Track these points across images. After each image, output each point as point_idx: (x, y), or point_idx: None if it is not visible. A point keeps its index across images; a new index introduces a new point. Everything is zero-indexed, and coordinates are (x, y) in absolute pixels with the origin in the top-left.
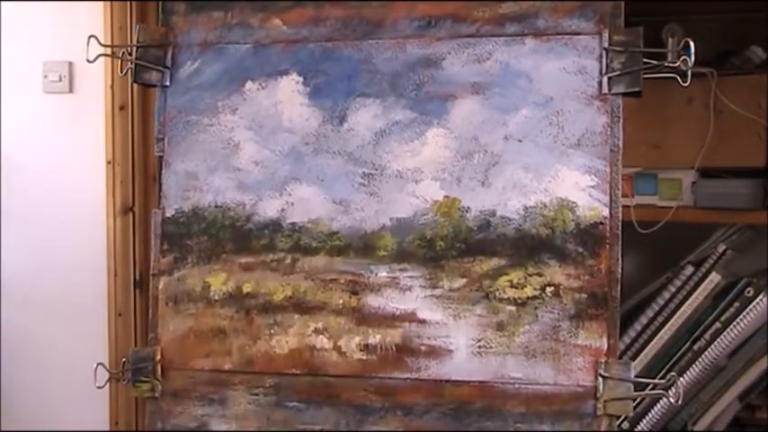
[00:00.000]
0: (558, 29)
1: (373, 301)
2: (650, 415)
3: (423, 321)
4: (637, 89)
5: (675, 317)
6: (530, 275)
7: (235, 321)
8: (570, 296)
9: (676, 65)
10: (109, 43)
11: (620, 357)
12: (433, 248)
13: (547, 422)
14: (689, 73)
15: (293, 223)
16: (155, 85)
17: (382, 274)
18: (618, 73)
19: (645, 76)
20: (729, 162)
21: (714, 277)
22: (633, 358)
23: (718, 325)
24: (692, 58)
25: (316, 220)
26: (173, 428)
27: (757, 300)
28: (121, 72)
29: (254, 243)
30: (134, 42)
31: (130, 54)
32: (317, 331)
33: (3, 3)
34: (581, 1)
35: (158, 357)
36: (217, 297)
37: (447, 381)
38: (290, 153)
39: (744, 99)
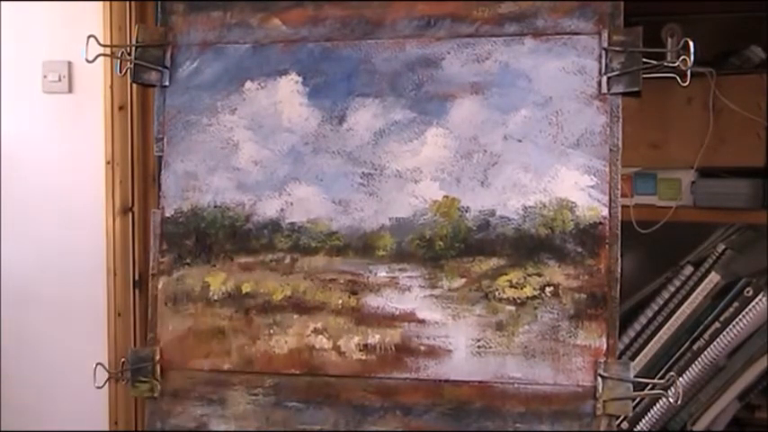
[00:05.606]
0: (558, 29)
1: (372, 301)
2: (649, 415)
3: (422, 321)
4: (636, 89)
5: (675, 317)
6: (529, 275)
7: (234, 321)
8: (569, 296)
9: (676, 65)
10: (108, 43)
11: (620, 357)
12: (432, 248)
13: (546, 422)
14: (688, 73)
15: (292, 223)
16: (154, 85)
17: (381, 273)
18: (617, 73)
19: (644, 75)
20: (729, 162)
21: (713, 277)
22: (632, 358)
23: (717, 325)
24: (692, 58)
25: (315, 220)
26: (172, 428)
27: (757, 299)
28: (120, 72)
29: (254, 243)
30: (133, 42)
31: (129, 54)
32: (316, 331)
33: (2, 3)
34: (580, 1)
35: (157, 357)
36: (216, 297)
37: (446, 381)
38: (289, 153)
39: (743, 99)
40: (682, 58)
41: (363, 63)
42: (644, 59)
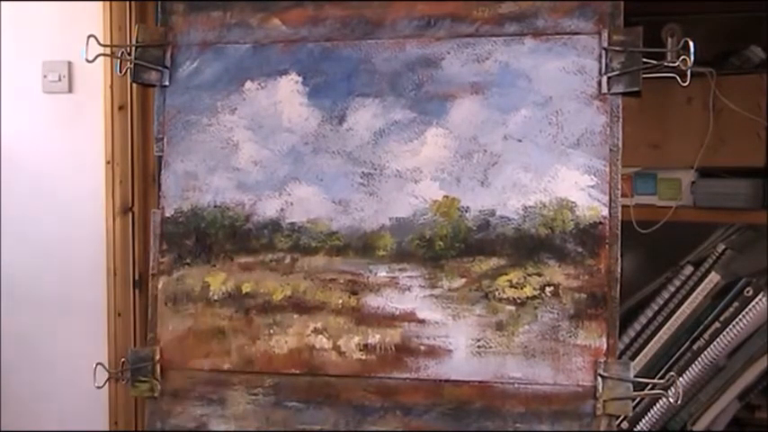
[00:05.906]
0: (558, 29)
1: (373, 301)
2: (649, 415)
3: (422, 321)
4: (636, 89)
5: (675, 317)
6: (529, 275)
7: (234, 321)
8: (570, 296)
9: (676, 64)
10: (108, 43)
11: (620, 357)
12: (432, 248)
13: (546, 422)
14: (688, 73)
15: (292, 223)
16: (154, 85)
17: (381, 273)
18: (617, 73)
19: (644, 75)
20: (729, 162)
21: (713, 277)
22: (632, 358)
23: (717, 325)
24: (692, 58)
25: (315, 220)
26: (172, 428)
27: (756, 299)
28: (120, 72)
29: (254, 243)
30: (133, 42)
31: (129, 54)
32: (316, 331)
33: (3, 3)
34: (580, 1)
35: (157, 357)
36: (216, 297)
37: (446, 381)
38: (289, 153)
39: (743, 99)
40: (682, 58)
41: (363, 63)
42: (644, 59)
